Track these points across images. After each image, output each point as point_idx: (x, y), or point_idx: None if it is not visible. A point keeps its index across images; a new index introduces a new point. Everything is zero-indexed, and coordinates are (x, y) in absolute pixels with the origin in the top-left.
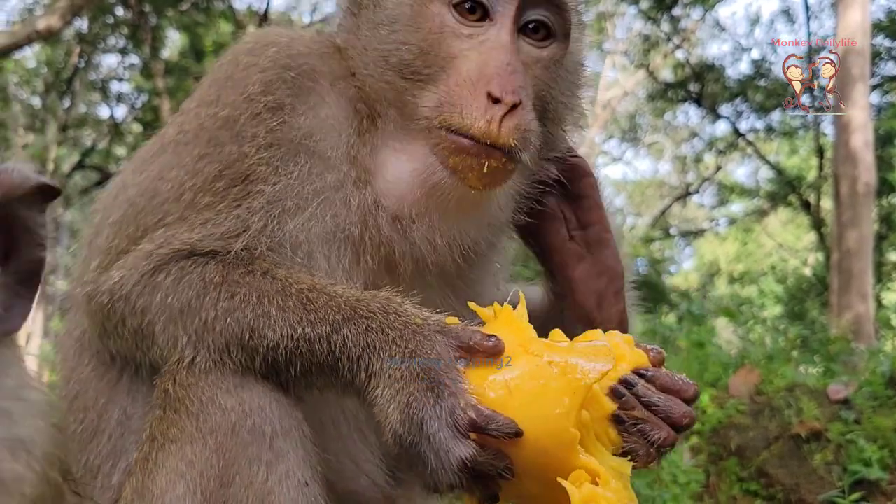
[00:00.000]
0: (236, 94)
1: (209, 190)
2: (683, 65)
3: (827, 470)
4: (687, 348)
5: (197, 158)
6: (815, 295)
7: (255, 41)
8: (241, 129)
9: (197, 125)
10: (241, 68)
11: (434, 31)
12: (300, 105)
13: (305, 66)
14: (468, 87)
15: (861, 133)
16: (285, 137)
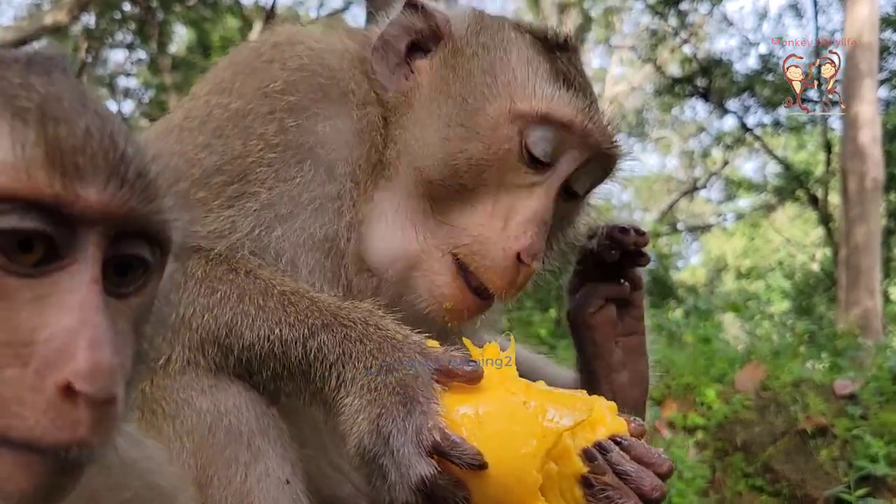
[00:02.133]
0: (254, 87)
1: (205, 184)
2: (691, 60)
3: (833, 465)
4: (693, 343)
5: (199, 148)
6: (822, 290)
7: (285, 37)
8: (250, 124)
9: (205, 112)
10: (265, 61)
11: (500, 153)
12: (322, 112)
13: (339, 79)
14: (502, 236)
15: (869, 128)
16: (296, 141)
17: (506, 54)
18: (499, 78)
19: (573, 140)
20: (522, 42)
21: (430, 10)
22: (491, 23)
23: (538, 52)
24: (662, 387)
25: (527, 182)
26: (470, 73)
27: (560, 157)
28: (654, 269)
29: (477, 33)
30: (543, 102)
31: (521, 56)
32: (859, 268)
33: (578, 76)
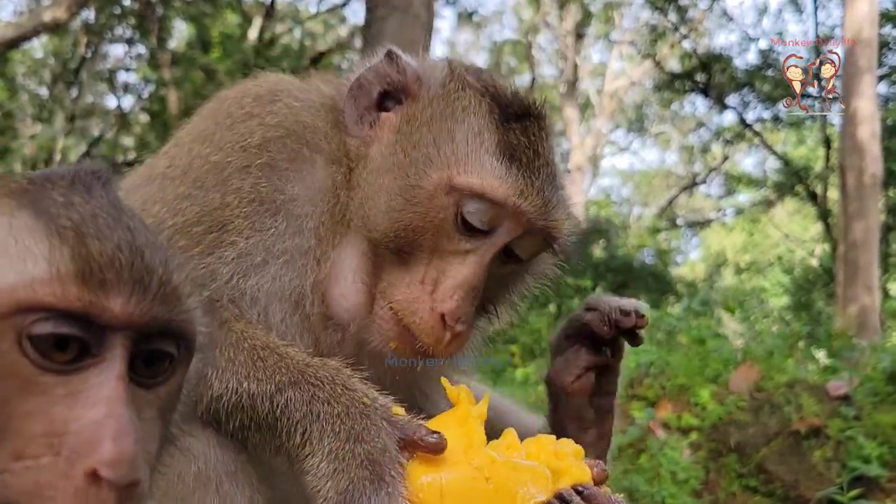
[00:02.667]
0: (233, 141)
1: (187, 233)
2: (690, 55)
3: (826, 466)
4: (688, 344)
5: (180, 198)
6: (821, 286)
7: (266, 91)
8: (228, 177)
9: (186, 162)
10: (244, 115)
11: (435, 222)
12: (293, 172)
13: (309, 138)
14: (429, 298)
15: (868, 124)
16: (269, 197)
17: (456, 124)
18: (442, 149)
19: (508, 215)
20: (479, 111)
21: (404, 64)
22: (455, 87)
23: (490, 123)
24: (657, 387)
25: (462, 248)
26: (419, 141)
27: (497, 228)
28: (653, 265)
29: (438, 97)
30: (479, 178)
31: (471, 127)
32: (857, 264)
33: (528, 150)
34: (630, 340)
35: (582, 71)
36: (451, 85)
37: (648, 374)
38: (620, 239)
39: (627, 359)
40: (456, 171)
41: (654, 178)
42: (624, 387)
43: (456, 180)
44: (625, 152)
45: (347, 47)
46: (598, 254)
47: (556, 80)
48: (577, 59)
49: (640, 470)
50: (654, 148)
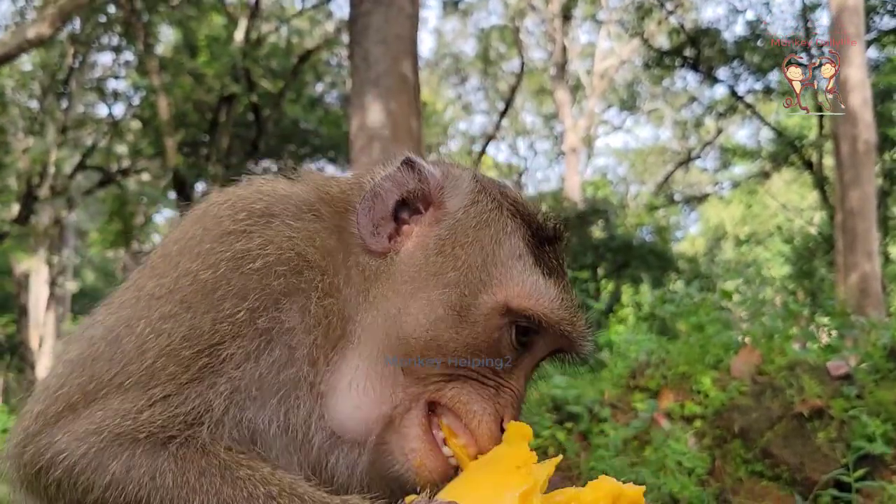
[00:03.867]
0: (226, 260)
1: (174, 356)
2: (678, 30)
3: (831, 447)
4: (687, 331)
5: (166, 318)
6: (822, 253)
7: (261, 207)
8: (220, 300)
9: (173, 279)
10: (238, 232)
11: (489, 340)
12: (289, 304)
13: (306, 272)
14: (492, 408)
15: (859, 91)
16: (265, 326)
17: (497, 246)
18: (493, 273)
19: (552, 332)
20: (515, 233)
21: (426, 174)
22: (487, 205)
23: (528, 245)
24: (658, 377)
25: (509, 361)
26: (464, 261)
27: (537, 342)
28: (653, 243)
29: (472, 215)
30: (534, 302)
31: (513, 250)
32: (856, 231)
33: (561, 271)
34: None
35: (571, 52)
36: (482, 201)
37: (649, 364)
38: (619, 218)
39: (628, 350)
40: (513, 293)
41: (649, 156)
42: (625, 378)
43: (513, 304)
44: (618, 131)
45: (335, 43)
46: (597, 234)
47: (546, 63)
48: (566, 40)
49: (646, 462)
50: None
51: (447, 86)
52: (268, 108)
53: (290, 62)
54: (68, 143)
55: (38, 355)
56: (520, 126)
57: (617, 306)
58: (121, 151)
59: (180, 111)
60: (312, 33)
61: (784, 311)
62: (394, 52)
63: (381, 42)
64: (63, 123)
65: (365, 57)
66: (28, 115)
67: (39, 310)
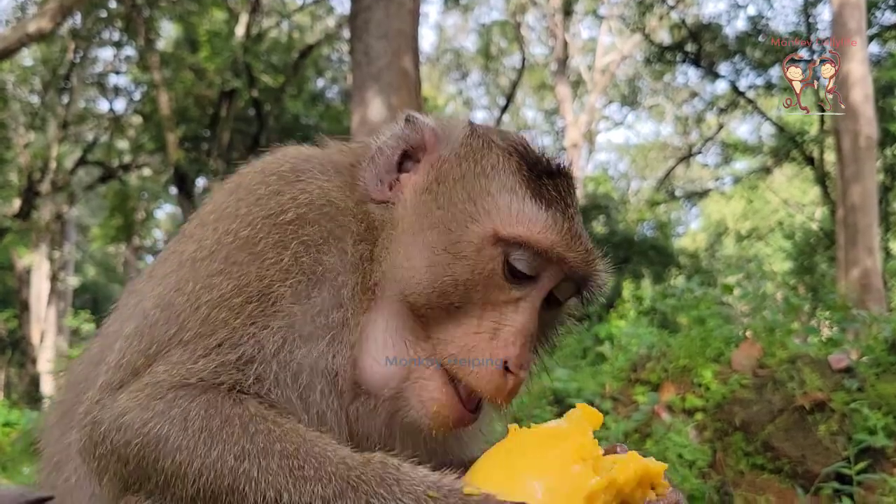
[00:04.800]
0: (263, 216)
1: (225, 305)
2: (680, 26)
3: (832, 440)
4: (689, 324)
5: (214, 274)
6: (823, 248)
7: (288, 168)
8: (262, 251)
9: (214, 240)
10: (271, 192)
11: (485, 273)
12: (327, 247)
13: (339, 218)
14: (489, 345)
15: (860, 87)
16: (310, 269)
17: (488, 181)
18: (481, 204)
19: (553, 261)
20: (507, 168)
21: (421, 123)
22: (479, 144)
23: (521, 179)
24: (660, 370)
25: (513, 297)
26: (455, 197)
27: (542, 273)
28: (654, 238)
29: (464, 156)
30: (524, 228)
31: (504, 183)
32: (857, 227)
33: (562, 202)
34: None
35: (572, 48)
36: (474, 143)
37: (650, 358)
38: (620, 214)
39: (629, 343)
40: (500, 222)
41: (650, 151)
42: (626, 371)
43: (502, 232)
44: (620, 127)
45: (336, 38)
46: (598, 230)
47: (547, 58)
48: (567, 36)
49: (647, 455)
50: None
51: (448, 81)
52: (269, 103)
53: (291, 57)
54: (69, 139)
55: (40, 350)
56: (521, 121)
57: (618, 301)
58: (122, 147)
59: (181, 106)
60: (313, 28)
61: (785, 306)
62: (395, 48)
63: (382, 37)
64: (64, 119)
65: (366, 52)
66: (29, 110)
67: (41, 305)
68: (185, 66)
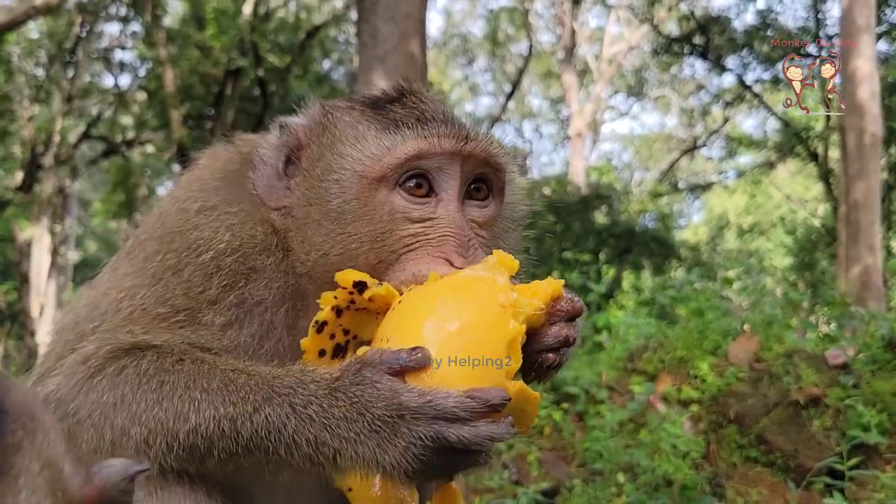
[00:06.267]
0: (185, 249)
1: (149, 313)
2: (688, 17)
3: (826, 435)
4: (687, 316)
5: (139, 286)
6: (824, 245)
7: (203, 205)
8: (189, 278)
9: (142, 259)
10: (192, 226)
11: (385, 218)
12: (250, 283)
13: (255, 256)
14: (426, 260)
15: (867, 84)
16: (237, 301)
17: (341, 144)
18: (342, 165)
19: (436, 162)
20: (351, 119)
21: (293, 126)
22: (329, 117)
23: (367, 120)
24: (656, 361)
25: (426, 218)
26: (323, 179)
27: (436, 179)
28: (656, 230)
29: (319, 134)
30: (386, 159)
31: (354, 134)
32: (859, 224)
33: (413, 112)
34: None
35: (580, 37)
36: (324, 119)
37: (648, 348)
38: (622, 204)
39: (627, 333)
40: (364, 168)
41: (654, 143)
42: (623, 361)
43: (370, 174)
44: (625, 117)
45: (343, 19)
46: (600, 220)
47: (554, 46)
48: (575, 24)
49: (641, 444)
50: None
51: (454, 66)
52: (274, 83)
53: (297, 37)
54: (73, 113)
55: (39, 323)
56: (526, 109)
57: (618, 291)
58: (126, 122)
59: (186, 83)
60: (321, 9)
61: (784, 301)
62: (402, 31)
63: (389, 20)
64: (69, 92)
65: (373, 34)
66: (34, 83)
67: (41, 278)
68: (192, 43)
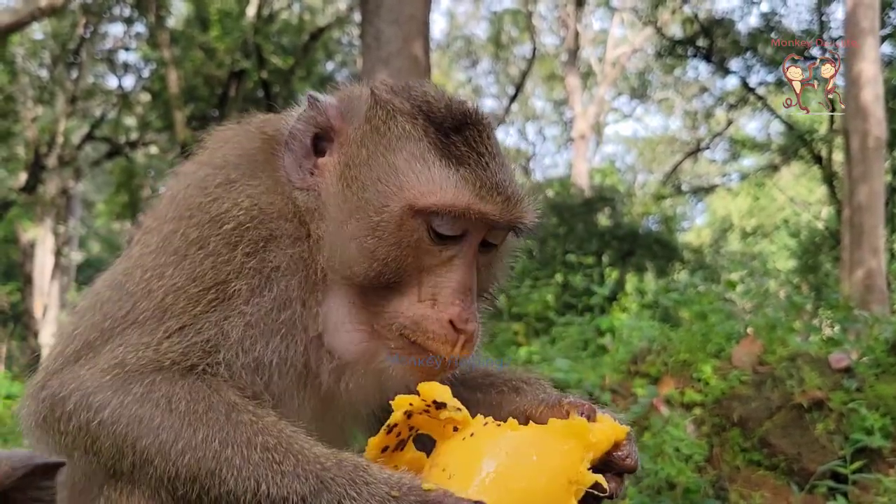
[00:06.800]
0: (209, 221)
1: (181, 293)
2: (692, 20)
3: (829, 439)
4: (690, 319)
5: (165, 265)
6: (828, 248)
7: (223, 177)
8: (214, 249)
9: (161, 238)
10: (213, 199)
11: (411, 244)
12: (270, 248)
13: (274, 222)
14: (433, 311)
15: (871, 87)
16: (258, 267)
17: (394, 155)
18: (392, 181)
19: (474, 218)
20: (413, 134)
21: (324, 106)
22: (383, 115)
23: (429, 142)
24: (660, 364)
25: (444, 257)
26: (366, 180)
27: (468, 229)
28: (659, 232)
29: (369, 132)
30: (436, 196)
31: (412, 153)
32: (863, 227)
33: (472, 155)
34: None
35: (583, 39)
36: (379, 115)
37: (651, 351)
38: (625, 206)
39: (630, 335)
40: (412, 195)
41: (658, 145)
42: (626, 364)
43: (416, 204)
44: (628, 119)
45: (347, 21)
46: (603, 222)
47: (558, 48)
48: (578, 26)
49: (644, 447)
50: (658, 114)
51: (458, 68)
52: (278, 84)
53: (301, 39)
54: (77, 114)
55: (42, 324)
56: (529, 111)
57: (621, 294)
58: (129, 123)
59: (190, 85)
60: (324, 11)
61: (788, 304)
62: (406, 33)
63: (393, 22)
64: (72, 93)
65: (377, 36)
66: (38, 84)
67: (44, 279)
68: (195, 44)
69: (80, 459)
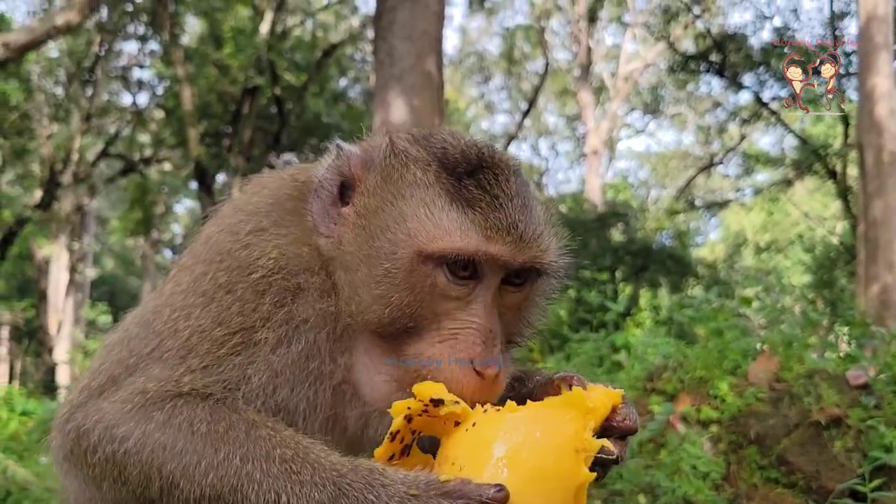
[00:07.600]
0: (238, 267)
1: (207, 335)
2: (704, 35)
3: (847, 456)
4: (706, 336)
5: (193, 306)
6: (843, 263)
7: (254, 225)
8: (242, 295)
9: (191, 279)
10: (243, 246)
11: (426, 290)
12: (299, 300)
13: (302, 276)
14: (452, 353)
15: (886, 101)
16: (286, 318)
17: (404, 202)
18: (399, 230)
19: (486, 260)
20: (424, 180)
21: (347, 154)
22: (396, 164)
23: (440, 188)
24: (676, 381)
25: (462, 299)
26: (375, 234)
27: (483, 270)
28: (672, 247)
29: (381, 182)
30: (445, 241)
31: (422, 199)
32: (878, 242)
33: (485, 197)
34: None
35: (595, 54)
36: (392, 163)
37: (667, 368)
38: (639, 222)
39: (645, 352)
40: (421, 242)
41: (671, 160)
42: (642, 381)
43: (425, 250)
44: (641, 134)
45: (359, 38)
46: (616, 237)
47: (570, 64)
48: (591, 42)
49: (661, 465)
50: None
51: (470, 84)
52: (291, 101)
53: (314, 56)
54: (92, 131)
55: (57, 340)
56: (542, 126)
57: (635, 309)
58: (144, 140)
59: (204, 102)
60: (337, 28)
61: (803, 320)
62: (418, 49)
63: (406, 38)
64: (87, 111)
65: (390, 53)
66: (53, 101)
67: (59, 295)
68: (209, 61)
69: (109, 490)
